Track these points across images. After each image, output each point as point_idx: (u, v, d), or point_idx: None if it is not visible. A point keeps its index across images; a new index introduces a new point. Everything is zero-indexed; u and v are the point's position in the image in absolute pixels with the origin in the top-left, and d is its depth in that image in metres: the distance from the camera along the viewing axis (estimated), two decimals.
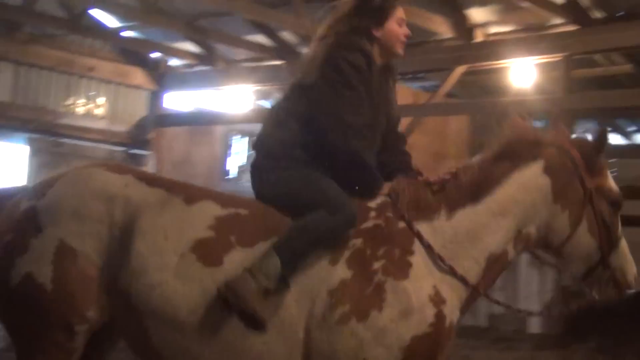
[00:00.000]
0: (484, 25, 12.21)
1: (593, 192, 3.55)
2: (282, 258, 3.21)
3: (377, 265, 3.26)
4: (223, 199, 3.51)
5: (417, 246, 3.35)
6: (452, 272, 3.35)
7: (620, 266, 3.58)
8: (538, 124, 15.83)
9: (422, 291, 3.27)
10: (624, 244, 3.61)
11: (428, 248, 3.35)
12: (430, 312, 3.24)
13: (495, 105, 11.92)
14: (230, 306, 3.16)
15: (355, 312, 3.16)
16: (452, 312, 3.33)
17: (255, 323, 3.17)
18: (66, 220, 3.32)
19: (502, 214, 3.47)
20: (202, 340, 3.26)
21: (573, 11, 10.99)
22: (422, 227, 3.39)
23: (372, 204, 3.47)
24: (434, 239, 3.38)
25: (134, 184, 3.43)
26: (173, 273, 3.28)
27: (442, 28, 11.97)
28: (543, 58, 11.10)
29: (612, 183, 3.66)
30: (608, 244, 3.56)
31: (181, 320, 3.25)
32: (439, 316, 3.26)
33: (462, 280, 3.37)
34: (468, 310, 3.59)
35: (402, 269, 3.29)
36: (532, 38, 11.48)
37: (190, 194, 3.49)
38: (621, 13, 11.13)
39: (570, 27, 11.16)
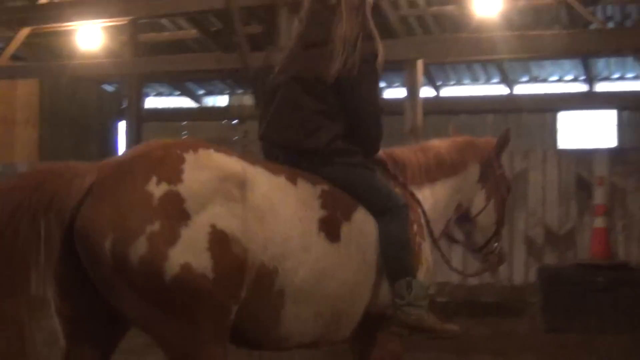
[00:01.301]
0: None
1: (499, 178, 4.82)
2: (410, 275, 3.82)
3: (414, 228, 4.07)
4: (306, 177, 3.74)
5: (419, 212, 4.20)
6: (433, 236, 4.30)
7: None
8: (109, 87, 16.64)
9: (429, 252, 4.20)
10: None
11: (424, 214, 4.23)
12: (434, 271, 4.27)
13: (64, 68, 12.00)
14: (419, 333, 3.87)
15: None
16: None
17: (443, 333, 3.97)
18: (212, 204, 3.25)
19: (458, 190, 4.59)
20: (324, 295, 3.64)
21: None
22: (418, 196, 4.28)
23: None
24: (424, 205, 4.27)
25: (247, 166, 3.47)
26: (314, 253, 3.56)
27: None
28: (109, 21, 11.33)
29: (507, 173, 5.02)
30: (502, 219, 4.85)
31: (322, 291, 3.61)
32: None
33: (436, 244, 4.34)
34: None
35: (421, 232, 4.16)
36: (98, 1, 11.39)
37: (285, 172, 3.66)
38: None
39: None
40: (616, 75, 16.30)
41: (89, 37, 11.81)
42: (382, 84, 17.02)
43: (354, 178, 3.91)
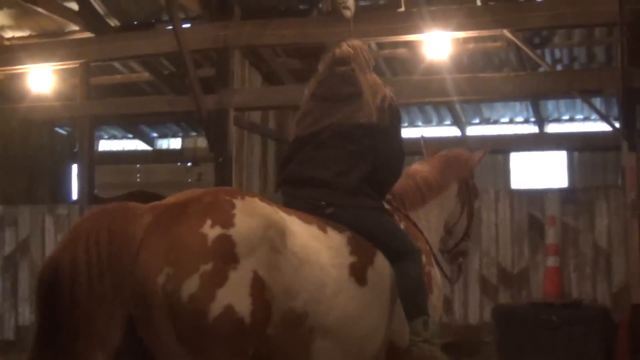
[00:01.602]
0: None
1: (471, 188, 5.36)
2: (426, 314, 4.11)
3: (424, 259, 4.43)
4: (332, 224, 4.04)
5: (424, 240, 4.64)
6: (435, 258, 4.77)
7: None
8: (60, 130, 16.50)
9: (439, 277, 4.63)
10: None
11: (427, 241, 4.68)
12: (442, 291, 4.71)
13: (16, 111, 12.05)
14: None
15: None
16: None
17: None
18: (257, 251, 3.42)
19: (445, 209, 5.09)
20: (352, 335, 3.92)
21: (90, 19, 11.33)
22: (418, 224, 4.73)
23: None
24: (424, 231, 4.73)
25: (285, 216, 3.73)
26: (345, 297, 3.83)
27: None
28: (61, 64, 11.22)
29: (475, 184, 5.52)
30: (471, 223, 5.40)
31: (351, 328, 3.87)
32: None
33: (438, 264, 4.76)
34: None
35: (430, 260, 4.58)
36: (50, 44, 11.56)
37: (316, 222, 3.95)
38: (135, 22, 11.71)
39: (88, 34, 11.45)
40: (566, 117, 16.56)
41: (41, 80, 11.64)
42: None
43: (375, 223, 4.22)
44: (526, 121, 16.67)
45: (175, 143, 19.03)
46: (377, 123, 4.27)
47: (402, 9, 10.30)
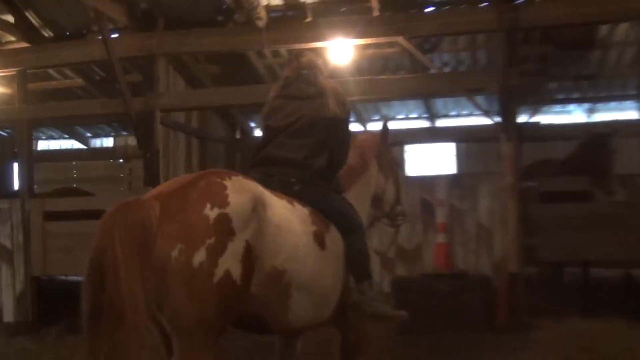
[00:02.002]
0: None
1: (390, 161, 5.63)
2: (370, 277, 4.67)
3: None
4: (296, 200, 4.45)
5: None
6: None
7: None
8: (1, 132, 16.09)
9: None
10: None
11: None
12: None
13: None
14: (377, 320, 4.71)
15: None
16: None
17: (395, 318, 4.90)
18: (248, 223, 3.80)
19: (369, 185, 5.43)
20: (318, 286, 4.36)
21: (25, 30, 11.07)
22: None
23: None
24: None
25: (263, 191, 4.10)
26: (312, 258, 4.27)
27: None
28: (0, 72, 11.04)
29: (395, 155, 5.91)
30: (399, 189, 5.72)
31: (317, 282, 4.32)
32: None
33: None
34: None
35: None
36: None
37: (284, 197, 4.36)
38: (67, 33, 11.35)
39: (24, 44, 11.15)
40: (453, 113, 16.85)
41: None
42: (252, 124, 17.08)
43: (329, 201, 4.69)
44: (419, 117, 16.91)
45: (107, 142, 18.80)
46: (337, 117, 4.72)
47: (309, 19, 10.36)
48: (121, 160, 17.78)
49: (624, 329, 7.86)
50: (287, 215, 4.21)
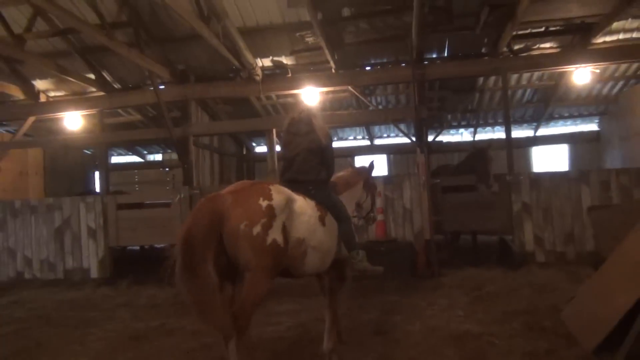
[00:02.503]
0: (45, 90, 11.68)
1: (371, 185, 5.68)
2: (357, 248, 4.87)
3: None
4: (307, 199, 4.62)
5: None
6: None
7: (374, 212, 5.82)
8: (87, 151, 15.76)
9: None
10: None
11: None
12: None
13: (58, 141, 11.52)
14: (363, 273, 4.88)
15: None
16: None
17: (373, 274, 4.93)
18: (283, 211, 4.21)
19: (355, 194, 5.47)
20: (322, 249, 4.57)
21: (102, 83, 10.94)
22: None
23: None
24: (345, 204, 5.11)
25: (290, 193, 4.40)
26: (319, 231, 4.53)
27: (17, 92, 11.15)
28: (86, 111, 10.80)
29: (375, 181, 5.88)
30: (373, 203, 5.72)
31: (321, 246, 4.54)
32: None
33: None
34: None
35: None
36: (79, 99, 11.04)
37: (300, 196, 4.54)
38: (130, 85, 11.20)
39: (101, 93, 10.96)
40: (385, 135, 16.82)
41: (74, 122, 11.09)
42: (253, 143, 16.95)
43: (328, 198, 4.86)
44: (363, 138, 16.83)
45: (158, 157, 18.48)
46: (323, 145, 4.92)
47: (290, 75, 10.30)
48: (167, 169, 17.55)
49: (501, 275, 7.91)
50: (304, 206, 4.50)
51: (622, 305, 4.52)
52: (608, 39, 10.14)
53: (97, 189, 13.92)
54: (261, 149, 17.01)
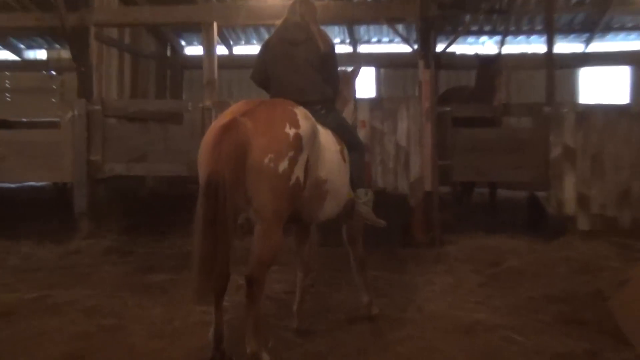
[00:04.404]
0: None
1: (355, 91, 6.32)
2: (366, 186, 5.49)
3: None
4: (323, 125, 5.11)
5: None
6: None
7: None
8: None
9: None
10: None
11: None
12: None
13: None
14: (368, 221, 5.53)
15: None
16: None
17: (375, 223, 5.55)
18: (309, 142, 4.64)
19: (349, 115, 6.03)
20: (342, 190, 5.26)
21: None
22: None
23: None
24: None
25: (314, 119, 4.87)
26: (340, 170, 5.16)
27: None
28: None
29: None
30: (356, 111, 6.47)
31: (342, 187, 5.23)
32: None
33: None
34: None
35: None
36: None
37: (320, 124, 5.00)
38: None
39: None
40: (374, 39, 16.66)
41: None
42: (182, 42, 16.63)
43: (340, 122, 5.47)
44: (342, 42, 16.65)
45: (41, 54, 17.96)
46: (326, 53, 5.42)
47: None
48: (53, 73, 17.15)
49: (528, 246, 8.04)
50: (327, 138, 5.03)
51: None
52: None
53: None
54: (193, 49, 16.70)
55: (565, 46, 15.39)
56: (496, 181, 9.73)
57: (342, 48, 16.53)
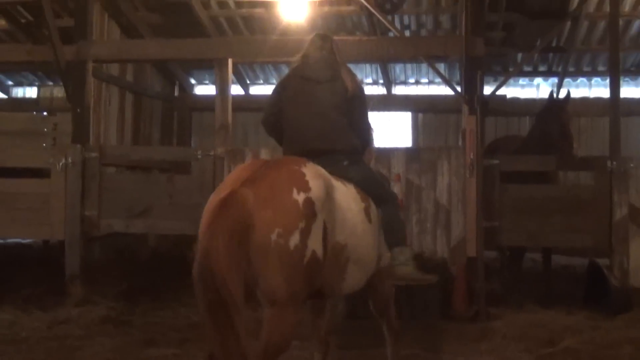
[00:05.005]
0: None
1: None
2: (404, 243, 5.37)
3: None
4: (344, 179, 5.09)
5: None
6: None
7: None
8: None
9: None
10: None
11: None
12: None
13: None
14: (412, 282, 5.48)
15: None
16: None
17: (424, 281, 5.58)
18: (324, 206, 4.46)
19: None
20: (369, 256, 5.10)
21: None
22: None
23: None
24: None
25: (327, 175, 4.78)
26: (365, 233, 4.99)
27: None
28: None
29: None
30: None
31: (368, 252, 5.06)
32: None
33: None
34: None
35: None
36: None
37: (337, 178, 4.95)
38: None
39: None
40: (412, 80, 16.81)
41: None
42: (192, 80, 16.84)
43: (367, 175, 5.38)
44: (375, 83, 16.80)
45: (31, 92, 18.28)
46: (355, 94, 5.44)
47: None
48: (45, 113, 17.40)
49: (586, 322, 7.96)
50: (347, 195, 4.91)
51: None
52: None
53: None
54: (204, 89, 16.90)
55: (632, 90, 15.43)
56: (551, 246, 9.67)
57: (374, 89, 16.69)
